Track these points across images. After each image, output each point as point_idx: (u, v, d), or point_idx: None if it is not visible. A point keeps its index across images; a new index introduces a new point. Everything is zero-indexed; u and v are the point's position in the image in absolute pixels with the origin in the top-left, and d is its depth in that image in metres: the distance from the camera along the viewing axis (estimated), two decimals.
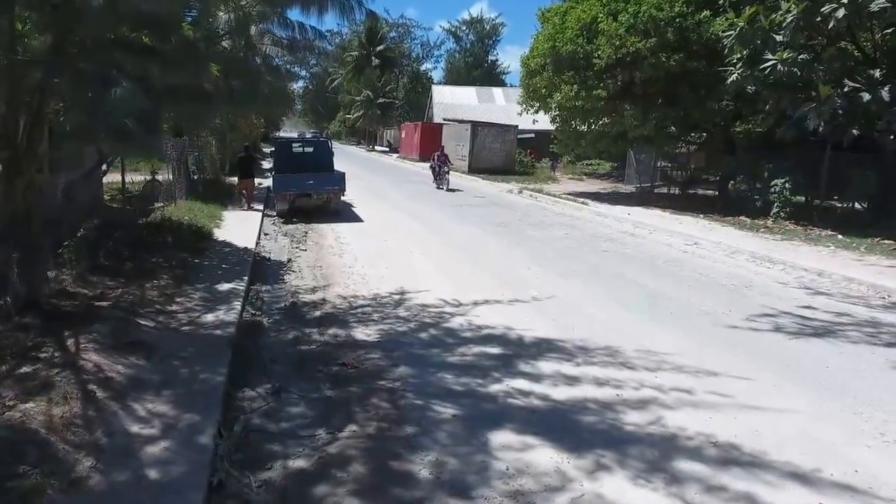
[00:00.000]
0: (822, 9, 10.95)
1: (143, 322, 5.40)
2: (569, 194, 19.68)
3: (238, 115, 17.99)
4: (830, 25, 10.99)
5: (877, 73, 11.79)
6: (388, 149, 53.02)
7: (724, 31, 13.46)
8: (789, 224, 13.63)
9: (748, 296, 8.03)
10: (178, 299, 6.26)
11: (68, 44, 4.71)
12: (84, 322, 4.96)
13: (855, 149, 13.18)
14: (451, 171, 21.89)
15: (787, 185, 14.34)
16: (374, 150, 55.17)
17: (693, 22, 15.34)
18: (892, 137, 11.71)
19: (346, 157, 28.79)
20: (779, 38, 11.97)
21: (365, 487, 3.54)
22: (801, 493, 3.55)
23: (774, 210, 14.40)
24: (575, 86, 16.74)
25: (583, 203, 17.45)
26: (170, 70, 5.12)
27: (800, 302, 7.73)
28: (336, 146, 68.52)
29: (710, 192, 19.31)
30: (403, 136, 42.88)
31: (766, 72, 12.04)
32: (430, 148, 35.95)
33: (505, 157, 28.99)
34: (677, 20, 15.33)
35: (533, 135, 32.23)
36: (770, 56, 11.97)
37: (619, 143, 18.51)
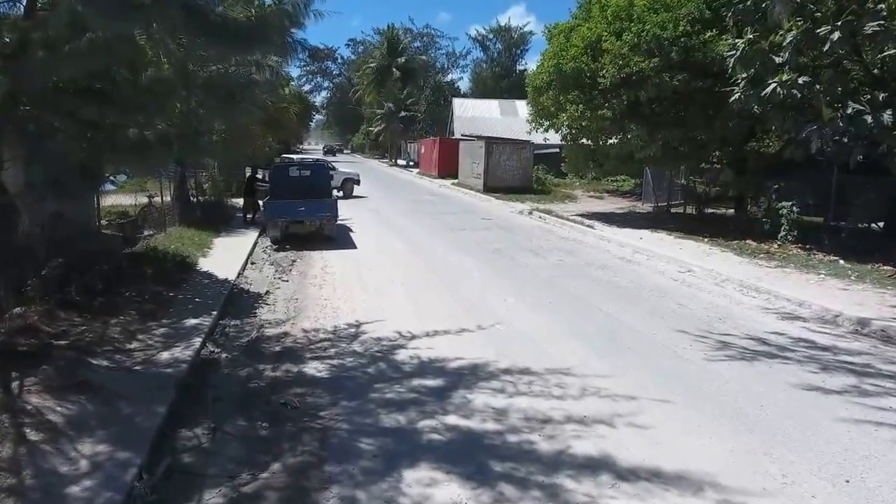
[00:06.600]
0: (819, 30, 10.80)
1: (95, 361, 5.70)
2: (580, 215, 19.38)
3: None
4: (826, 47, 10.82)
5: (881, 96, 11.48)
6: (409, 164, 52.51)
7: (727, 52, 13.29)
8: (794, 248, 13.27)
9: (718, 329, 7.92)
10: (140, 336, 6.55)
11: (20, 93, 4.96)
12: (35, 362, 5.27)
13: (868, 170, 12.84)
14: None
15: (793, 207, 14.01)
16: (396, 164, 55.28)
17: (699, 41, 15.14)
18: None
19: (364, 174, 29.15)
20: (778, 59, 11.81)
21: None
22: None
23: (782, 233, 14.06)
24: (580, 105, 16.67)
25: (589, 226, 17.28)
26: (123, 114, 5.36)
27: (766, 330, 7.76)
28: (358, 160, 67.36)
29: (730, 210, 18.72)
30: (423, 151, 42.74)
31: (767, 94, 11.87)
32: (449, 164, 35.71)
33: (522, 174, 28.52)
34: (682, 39, 15.16)
35: (558, 150, 31.13)
36: (770, 79, 11.80)
37: (627, 163, 18.33)
